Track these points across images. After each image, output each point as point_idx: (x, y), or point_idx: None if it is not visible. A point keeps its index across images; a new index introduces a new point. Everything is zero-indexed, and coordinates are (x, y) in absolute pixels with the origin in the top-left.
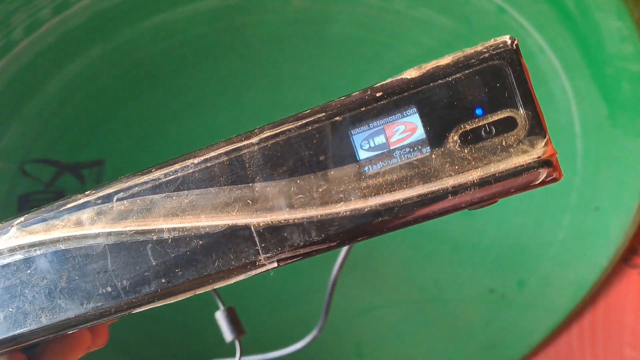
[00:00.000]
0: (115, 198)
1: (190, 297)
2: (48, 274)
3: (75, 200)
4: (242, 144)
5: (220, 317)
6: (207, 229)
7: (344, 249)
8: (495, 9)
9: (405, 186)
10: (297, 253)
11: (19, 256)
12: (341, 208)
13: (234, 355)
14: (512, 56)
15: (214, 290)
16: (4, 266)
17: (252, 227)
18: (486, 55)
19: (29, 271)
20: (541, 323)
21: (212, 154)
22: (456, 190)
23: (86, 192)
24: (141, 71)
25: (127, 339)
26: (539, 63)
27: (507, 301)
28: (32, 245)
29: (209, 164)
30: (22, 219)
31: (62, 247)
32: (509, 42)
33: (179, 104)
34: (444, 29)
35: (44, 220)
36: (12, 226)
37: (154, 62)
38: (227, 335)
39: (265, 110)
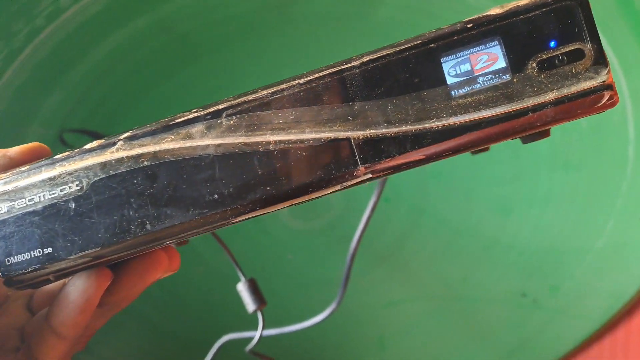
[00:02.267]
0: (224, 114)
1: (211, 274)
2: (154, 184)
3: (184, 117)
4: (344, 67)
5: (242, 288)
6: (311, 141)
7: (362, 224)
8: None
9: (490, 105)
10: (392, 164)
11: (125, 167)
12: (434, 124)
13: (251, 330)
14: None
15: (236, 262)
16: (110, 177)
17: (351, 140)
18: None
19: (135, 181)
20: (572, 331)
21: (317, 75)
22: (535, 108)
23: (193, 110)
24: (183, 45)
25: (151, 313)
26: None
27: (539, 306)
28: (140, 157)
29: (313, 84)
30: (128, 133)
31: (171, 158)
32: None
33: (218, 79)
34: None
35: (152, 134)
36: (119, 139)
37: (196, 37)
38: (249, 306)
39: None
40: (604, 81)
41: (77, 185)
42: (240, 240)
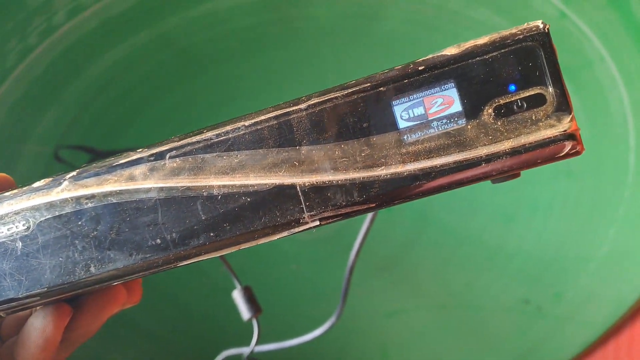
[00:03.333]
0: (167, 156)
1: (212, 286)
2: (99, 226)
3: (128, 157)
4: (291, 109)
5: (237, 296)
6: (255, 187)
7: (360, 238)
8: (557, 13)
9: (442, 153)
10: (339, 213)
11: (70, 208)
12: (382, 172)
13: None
14: (544, 39)
15: (231, 269)
16: (55, 217)
17: (297, 187)
18: (520, 36)
19: (80, 222)
20: (576, 337)
21: (262, 117)
22: (489, 158)
23: (138, 150)
24: (183, 60)
25: (153, 326)
26: (597, 72)
27: (543, 313)
28: (84, 198)
29: (259, 127)
30: (74, 173)
31: (114, 200)
32: (541, 26)
33: (218, 95)
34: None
35: (96, 174)
36: (65, 179)
37: (197, 52)
38: (244, 313)
39: None
40: (565, 130)
41: (23, 224)
42: (244, 250)
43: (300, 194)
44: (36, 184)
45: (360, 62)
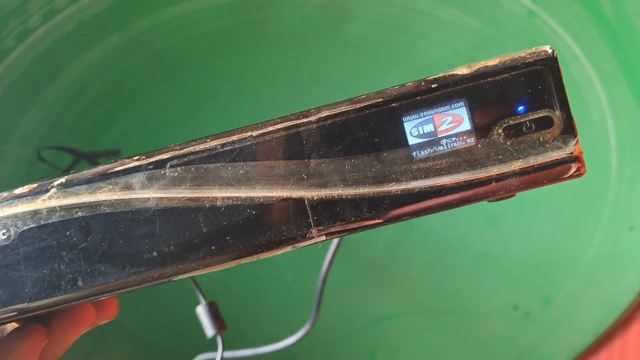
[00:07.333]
0: (168, 165)
1: (203, 285)
2: (89, 237)
3: (124, 164)
4: (300, 121)
5: (201, 312)
6: (262, 199)
7: (334, 245)
8: (525, 12)
9: (452, 171)
10: (347, 227)
11: (58, 217)
12: (392, 187)
13: (234, 348)
14: (552, 63)
15: (196, 284)
16: (40, 226)
17: (305, 201)
18: (530, 60)
19: (68, 233)
20: (567, 344)
21: (271, 128)
22: (499, 177)
23: (135, 157)
24: (159, 62)
25: (138, 329)
26: (572, 71)
27: (531, 319)
28: (74, 207)
29: (266, 138)
30: (62, 179)
31: (108, 210)
32: (550, 51)
33: (196, 96)
34: (471, 30)
35: (88, 182)
36: (52, 186)
37: (172, 54)
38: (208, 330)
39: (283, 107)
40: (571, 152)
41: (3, 234)
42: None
43: (308, 207)
44: (18, 190)
45: (332, 62)
